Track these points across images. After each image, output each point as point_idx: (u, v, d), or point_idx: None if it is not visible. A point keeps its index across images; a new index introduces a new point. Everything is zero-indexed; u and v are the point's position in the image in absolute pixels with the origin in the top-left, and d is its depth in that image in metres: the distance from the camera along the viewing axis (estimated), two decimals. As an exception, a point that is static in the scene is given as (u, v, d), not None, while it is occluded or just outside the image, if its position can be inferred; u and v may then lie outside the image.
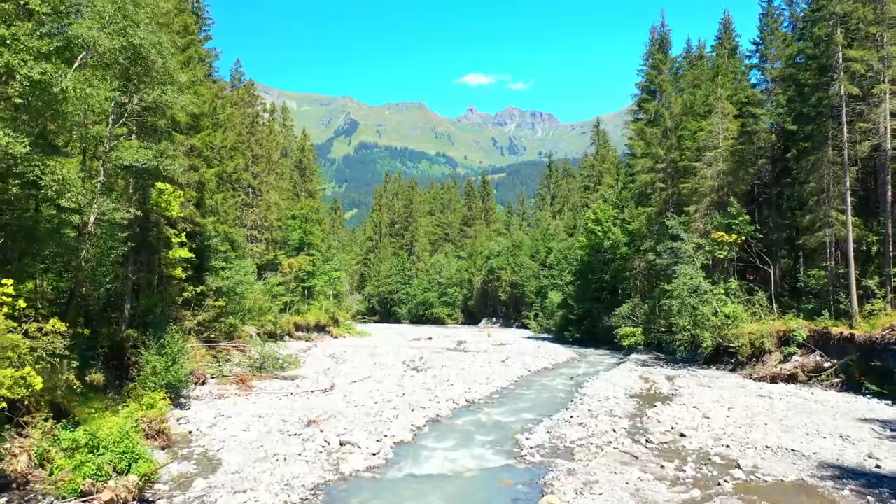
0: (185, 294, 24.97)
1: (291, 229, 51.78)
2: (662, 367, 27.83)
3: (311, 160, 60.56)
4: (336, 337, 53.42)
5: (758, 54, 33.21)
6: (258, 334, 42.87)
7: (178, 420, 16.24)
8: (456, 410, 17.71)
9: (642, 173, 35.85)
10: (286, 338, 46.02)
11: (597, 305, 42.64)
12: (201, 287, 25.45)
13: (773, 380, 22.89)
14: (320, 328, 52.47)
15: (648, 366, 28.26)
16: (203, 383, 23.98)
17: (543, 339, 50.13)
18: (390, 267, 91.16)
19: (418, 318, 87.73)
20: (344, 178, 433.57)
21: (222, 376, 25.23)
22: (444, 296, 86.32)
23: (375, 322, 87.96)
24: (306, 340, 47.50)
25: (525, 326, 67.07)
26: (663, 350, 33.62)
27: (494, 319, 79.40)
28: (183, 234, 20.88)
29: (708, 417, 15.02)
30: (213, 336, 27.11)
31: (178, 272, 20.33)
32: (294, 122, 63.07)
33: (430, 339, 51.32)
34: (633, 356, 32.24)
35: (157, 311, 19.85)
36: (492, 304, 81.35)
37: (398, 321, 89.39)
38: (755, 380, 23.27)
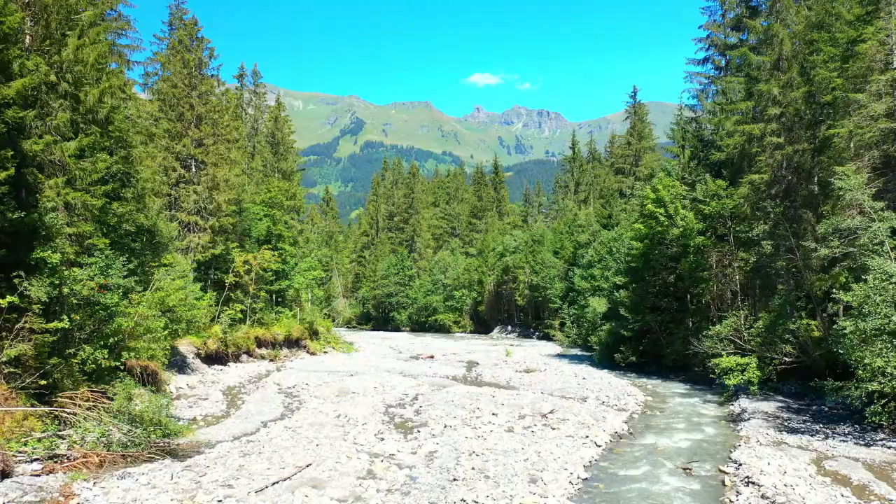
0: (-25, 310, 13.66)
1: (256, 218, 40.51)
2: (821, 433, 16.09)
3: (287, 133, 49.14)
4: (314, 353, 42.05)
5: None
6: (198, 355, 31.59)
7: None
8: None
9: (742, 124, 24.18)
10: (244, 358, 34.80)
11: (658, 317, 30.98)
12: (11, 297, 14.09)
13: None
14: (293, 342, 41.17)
15: (793, 430, 16.54)
16: (6, 475, 12.81)
17: (578, 357, 38.48)
18: (388, 266, 78.98)
19: (420, 326, 75.92)
20: (350, 177, 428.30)
21: (51, 459, 14.03)
22: (450, 299, 74.27)
23: (370, 330, 76.32)
24: (270, 360, 36.21)
25: (548, 337, 55.43)
26: (784, 390, 21.97)
27: (510, 328, 67.60)
28: None
29: None
30: (49, 382, 15.71)
31: None
32: (265, 89, 51.78)
33: (433, 357, 39.86)
34: (744, 402, 20.58)
35: None
36: (506, 310, 69.50)
37: (397, 329, 77.63)
38: None
